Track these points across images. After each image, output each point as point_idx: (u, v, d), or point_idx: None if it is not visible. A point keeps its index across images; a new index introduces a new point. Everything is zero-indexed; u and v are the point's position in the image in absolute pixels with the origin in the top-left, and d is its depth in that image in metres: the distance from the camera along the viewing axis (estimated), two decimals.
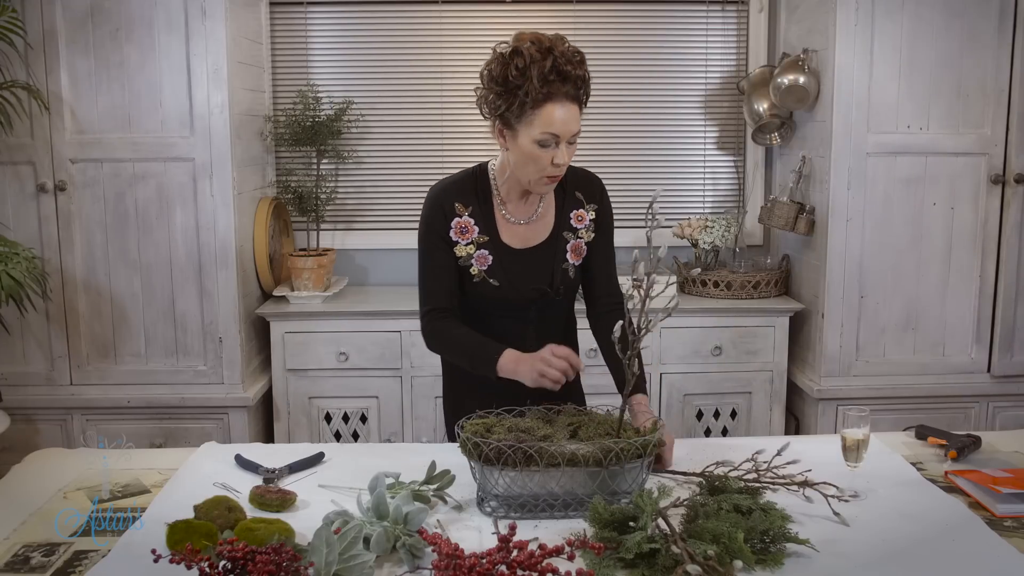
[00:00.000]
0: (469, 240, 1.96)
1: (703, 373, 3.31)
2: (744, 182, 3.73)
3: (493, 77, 1.84)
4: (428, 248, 1.97)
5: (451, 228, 1.95)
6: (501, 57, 1.82)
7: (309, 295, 3.29)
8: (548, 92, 1.79)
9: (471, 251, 1.95)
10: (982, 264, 3.16)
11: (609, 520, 1.49)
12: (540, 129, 1.81)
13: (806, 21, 3.31)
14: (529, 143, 1.83)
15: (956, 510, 1.65)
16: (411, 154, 3.66)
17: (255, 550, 1.31)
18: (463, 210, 1.96)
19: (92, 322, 3.08)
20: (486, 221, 1.97)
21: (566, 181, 2.01)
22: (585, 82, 1.84)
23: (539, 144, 1.83)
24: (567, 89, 1.80)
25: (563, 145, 1.84)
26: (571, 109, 1.82)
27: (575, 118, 1.83)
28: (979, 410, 3.25)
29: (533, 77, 1.77)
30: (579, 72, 1.81)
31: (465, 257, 1.95)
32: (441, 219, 1.96)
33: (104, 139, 2.99)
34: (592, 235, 2.02)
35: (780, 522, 1.49)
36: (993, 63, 3.05)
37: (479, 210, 1.97)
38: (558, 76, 1.79)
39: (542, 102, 1.80)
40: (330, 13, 3.60)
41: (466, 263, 1.95)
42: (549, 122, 1.80)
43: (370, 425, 3.28)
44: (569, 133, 1.83)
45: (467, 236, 1.96)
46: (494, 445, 1.59)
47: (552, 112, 1.80)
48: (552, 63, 1.78)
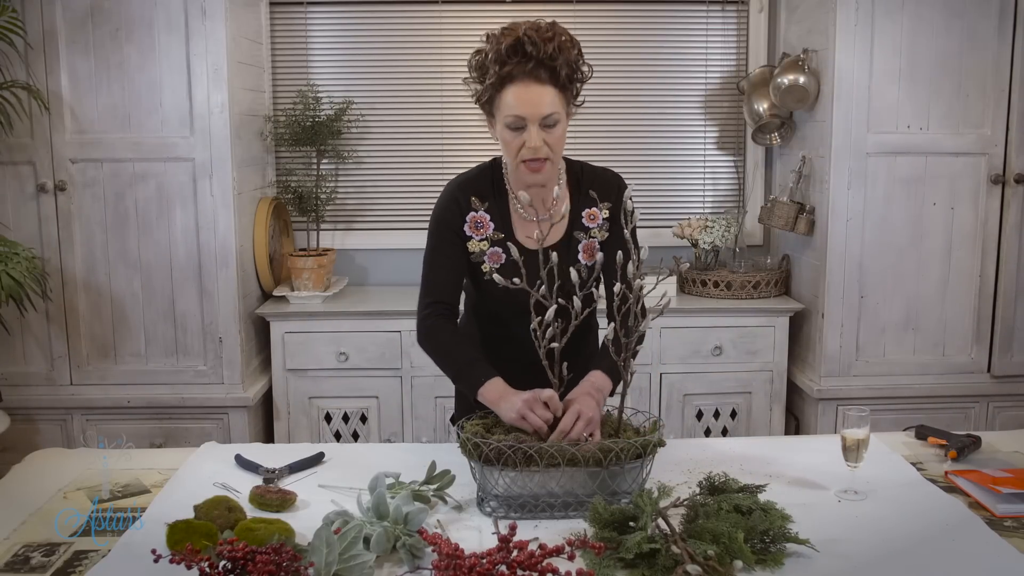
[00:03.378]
0: (483, 236, 1.90)
1: (703, 373, 3.31)
2: (744, 182, 3.73)
3: (471, 66, 1.83)
4: (438, 241, 1.90)
5: (466, 222, 1.90)
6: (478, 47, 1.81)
7: (309, 295, 3.29)
8: (509, 72, 1.75)
9: (484, 247, 1.89)
10: (982, 264, 3.16)
11: (609, 520, 1.49)
12: (504, 111, 1.77)
13: (806, 21, 3.31)
14: (502, 128, 1.80)
15: (956, 510, 1.65)
16: (411, 154, 3.66)
17: (255, 550, 1.31)
18: (479, 204, 1.90)
19: (92, 322, 3.08)
20: (502, 218, 1.91)
21: (581, 180, 1.94)
22: (560, 59, 1.76)
23: (508, 128, 1.78)
24: (530, 67, 1.74)
25: (532, 128, 1.76)
26: (535, 89, 1.75)
27: (542, 99, 1.75)
28: (979, 410, 3.25)
29: (490, 59, 1.75)
30: (547, 50, 1.74)
31: (478, 253, 1.89)
32: (456, 212, 1.90)
33: (104, 139, 2.99)
34: (606, 234, 1.94)
35: (780, 522, 1.49)
36: (993, 63, 3.05)
37: (495, 206, 1.91)
38: (520, 56, 1.74)
39: (504, 83, 1.76)
40: (330, 13, 3.60)
41: (478, 259, 1.89)
42: (511, 103, 1.75)
43: (370, 425, 3.28)
44: (536, 115, 1.75)
45: (481, 232, 1.90)
46: (494, 445, 1.59)
47: (514, 92, 1.75)
48: (512, 42, 1.73)
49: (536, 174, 1.82)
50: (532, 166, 1.80)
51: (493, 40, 1.78)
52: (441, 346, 1.89)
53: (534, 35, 1.75)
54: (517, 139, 1.78)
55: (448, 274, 1.91)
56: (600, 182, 1.94)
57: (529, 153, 1.78)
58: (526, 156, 1.79)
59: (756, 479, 1.71)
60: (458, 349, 1.86)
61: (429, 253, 1.92)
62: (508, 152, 1.83)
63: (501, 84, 1.76)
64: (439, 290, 1.91)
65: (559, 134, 1.81)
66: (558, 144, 1.82)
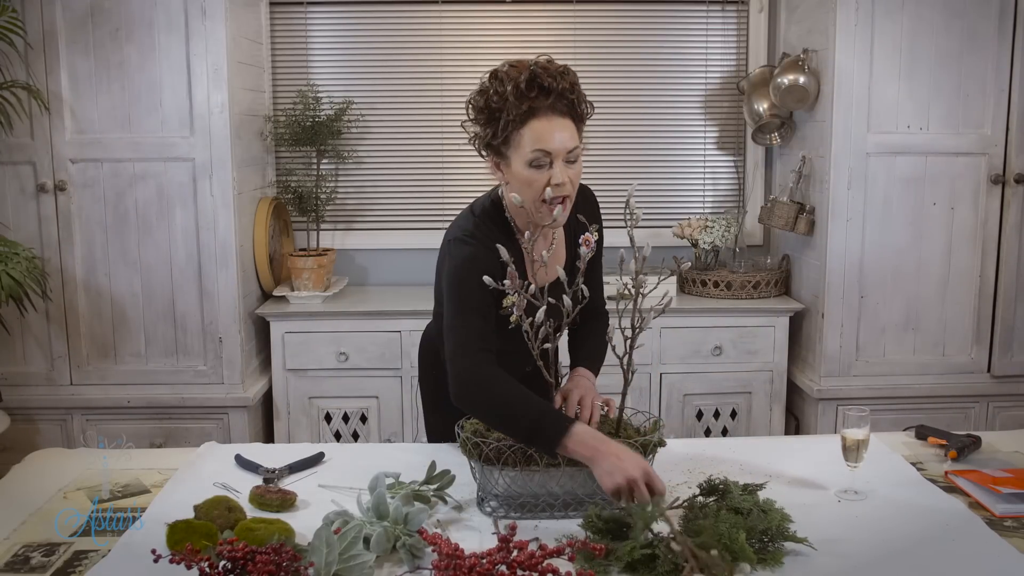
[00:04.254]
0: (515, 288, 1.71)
1: (703, 373, 3.31)
2: (744, 182, 3.73)
3: (477, 107, 1.75)
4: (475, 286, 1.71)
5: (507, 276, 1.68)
6: (481, 85, 1.73)
7: (309, 295, 3.29)
8: (530, 108, 1.68)
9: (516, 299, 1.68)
10: (982, 264, 3.16)
11: (604, 528, 1.49)
12: (529, 148, 1.69)
13: (806, 21, 3.31)
14: (522, 167, 1.71)
15: (956, 510, 1.65)
16: (411, 154, 3.65)
17: (255, 550, 1.31)
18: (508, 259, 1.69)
19: (92, 322, 3.08)
20: (519, 264, 1.79)
21: None
22: (575, 93, 1.71)
23: (531, 165, 1.70)
24: (551, 102, 1.68)
25: (559, 163, 1.69)
26: (560, 123, 1.69)
27: (568, 133, 1.70)
28: (979, 410, 3.25)
29: (510, 94, 1.67)
30: (563, 84, 1.69)
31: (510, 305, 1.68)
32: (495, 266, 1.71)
33: (104, 139, 2.99)
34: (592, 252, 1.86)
35: (779, 521, 1.49)
36: (993, 63, 3.05)
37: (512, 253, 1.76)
38: (539, 90, 1.67)
39: (526, 119, 1.68)
40: (330, 13, 3.60)
41: (508, 312, 1.68)
42: (536, 138, 1.68)
43: (370, 425, 3.29)
44: (563, 149, 1.69)
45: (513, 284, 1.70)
46: (494, 445, 1.59)
47: (538, 128, 1.68)
48: (530, 75, 1.67)
49: (557, 211, 1.72)
50: (554, 204, 1.72)
51: (504, 78, 1.70)
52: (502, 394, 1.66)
53: (549, 68, 1.69)
54: (542, 177, 1.70)
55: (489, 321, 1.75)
56: (584, 205, 1.88)
57: (556, 191, 1.70)
58: (553, 194, 1.70)
59: (756, 479, 1.71)
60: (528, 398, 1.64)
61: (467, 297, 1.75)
62: (530, 192, 1.72)
63: (522, 121, 1.69)
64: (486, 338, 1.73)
65: (578, 170, 1.75)
66: (577, 180, 1.77)
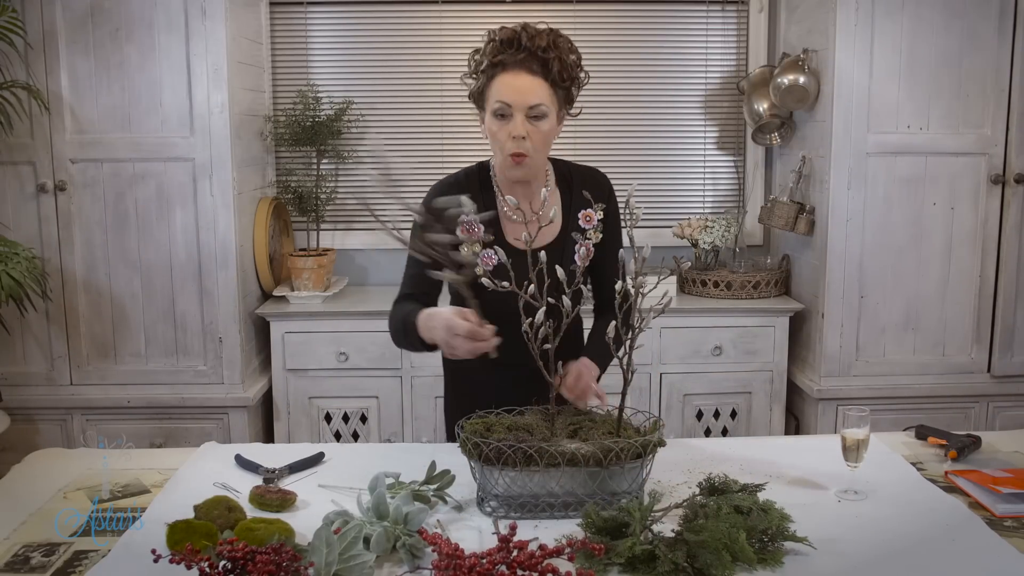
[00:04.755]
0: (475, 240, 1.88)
1: (703, 373, 3.31)
2: (744, 182, 3.73)
3: (469, 63, 1.86)
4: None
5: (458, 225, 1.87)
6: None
7: (309, 295, 3.29)
8: (501, 61, 1.78)
9: (476, 250, 1.82)
10: (982, 264, 3.16)
11: (603, 527, 1.49)
12: (493, 98, 1.80)
13: (806, 21, 3.31)
14: (490, 119, 1.82)
15: (956, 510, 1.65)
16: (411, 154, 3.66)
17: (255, 550, 1.31)
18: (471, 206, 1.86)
19: (92, 322, 3.08)
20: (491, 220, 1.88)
21: (572, 180, 1.95)
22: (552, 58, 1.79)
23: (495, 116, 1.81)
24: (522, 58, 1.78)
25: (518, 115, 1.79)
26: (524, 78, 1.78)
27: (531, 88, 1.78)
28: (979, 410, 3.25)
29: (488, 50, 1.79)
30: (540, 43, 1.78)
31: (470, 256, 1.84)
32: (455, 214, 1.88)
33: (104, 139, 2.99)
34: (600, 236, 1.92)
35: (779, 521, 1.49)
36: (993, 63, 3.05)
37: (483, 207, 1.90)
38: (515, 47, 1.77)
39: (496, 72, 1.79)
40: (330, 13, 3.60)
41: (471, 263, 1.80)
42: (499, 90, 1.79)
43: (370, 425, 3.29)
44: (523, 103, 1.78)
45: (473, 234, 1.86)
46: (494, 445, 1.59)
47: (504, 80, 1.79)
48: (510, 35, 1.78)
49: (519, 167, 1.83)
50: (516, 159, 1.81)
51: (491, 35, 1.82)
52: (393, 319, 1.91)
53: (531, 30, 1.79)
54: (503, 128, 1.80)
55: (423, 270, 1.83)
56: (592, 183, 1.96)
57: (513, 145, 1.80)
58: (512, 150, 1.80)
59: (756, 479, 1.71)
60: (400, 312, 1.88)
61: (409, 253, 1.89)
62: (495, 144, 1.84)
63: (492, 72, 1.80)
64: (409, 283, 1.94)
65: (546, 129, 1.82)
66: (543, 140, 1.83)
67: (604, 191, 1.98)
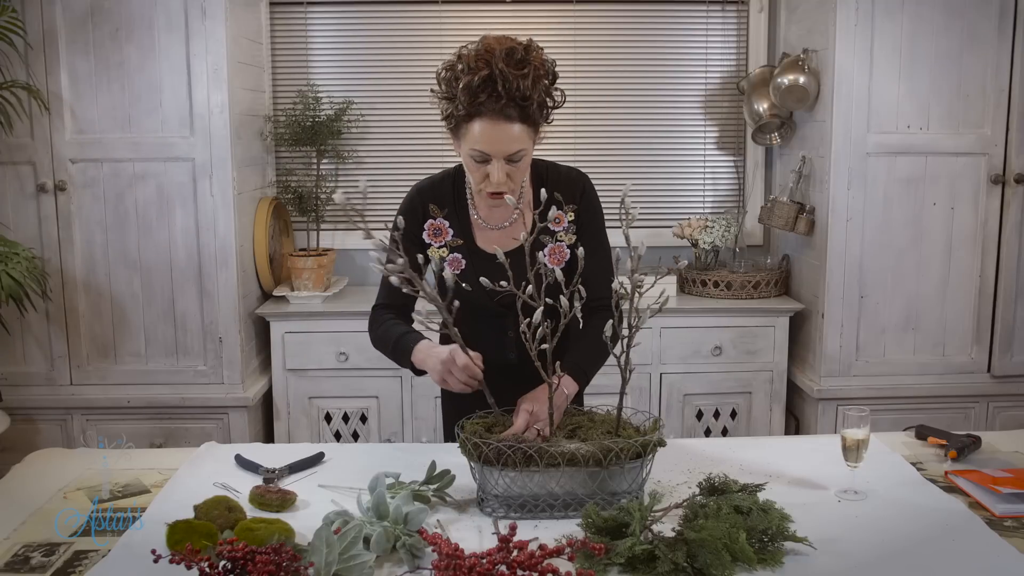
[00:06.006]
0: (442, 243, 1.91)
1: (703, 373, 3.31)
2: (744, 182, 3.73)
3: (439, 79, 1.78)
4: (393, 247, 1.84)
5: (424, 229, 1.91)
6: (448, 62, 1.75)
7: (309, 295, 3.29)
8: (477, 107, 1.70)
9: (444, 254, 1.89)
10: (982, 264, 3.16)
11: (603, 527, 1.49)
12: (470, 143, 1.74)
13: (806, 21, 3.31)
14: (466, 155, 1.77)
15: (956, 510, 1.65)
16: (411, 154, 3.66)
17: (255, 550, 1.31)
18: (438, 212, 1.91)
19: (92, 322, 3.08)
20: (461, 224, 1.92)
21: (547, 182, 1.90)
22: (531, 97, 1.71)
23: (472, 158, 1.76)
24: (500, 107, 1.70)
25: (496, 163, 1.74)
26: (503, 128, 1.71)
27: (509, 137, 1.72)
28: (979, 410, 3.25)
29: (461, 92, 1.69)
30: (519, 87, 1.68)
31: (438, 260, 1.86)
32: (414, 218, 1.91)
33: (104, 139, 2.99)
34: (574, 237, 1.92)
35: (779, 521, 1.49)
36: (993, 63, 3.05)
37: (455, 212, 1.92)
38: (490, 93, 1.69)
39: (471, 116, 1.72)
40: (330, 13, 3.60)
41: (439, 266, 1.81)
42: (475, 139, 1.73)
43: (370, 425, 3.28)
44: (501, 153, 1.73)
45: (440, 238, 1.91)
46: (494, 445, 1.59)
47: (480, 128, 1.72)
48: (486, 77, 1.68)
49: (495, 203, 1.83)
50: (494, 197, 1.80)
51: (465, 65, 1.71)
52: (378, 333, 1.96)
53: (507, 71, 1.68)
54: (480, 171, 1.77)
55: None
56: (564, 183, 1.92)
57: (492, 188, 1.78)
58: (490, 190, 1.78)
59: (756, 479, 1.71)
60: (391, 330, 1.91)
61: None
62: (471, 178, 1.83)
63: (469, 117, 1.73)
64: (386, 293, 1.97)
65: (523, 167, 1.81)
66: (521, 175, 1.82)
67: (577, 191, 1.93)
